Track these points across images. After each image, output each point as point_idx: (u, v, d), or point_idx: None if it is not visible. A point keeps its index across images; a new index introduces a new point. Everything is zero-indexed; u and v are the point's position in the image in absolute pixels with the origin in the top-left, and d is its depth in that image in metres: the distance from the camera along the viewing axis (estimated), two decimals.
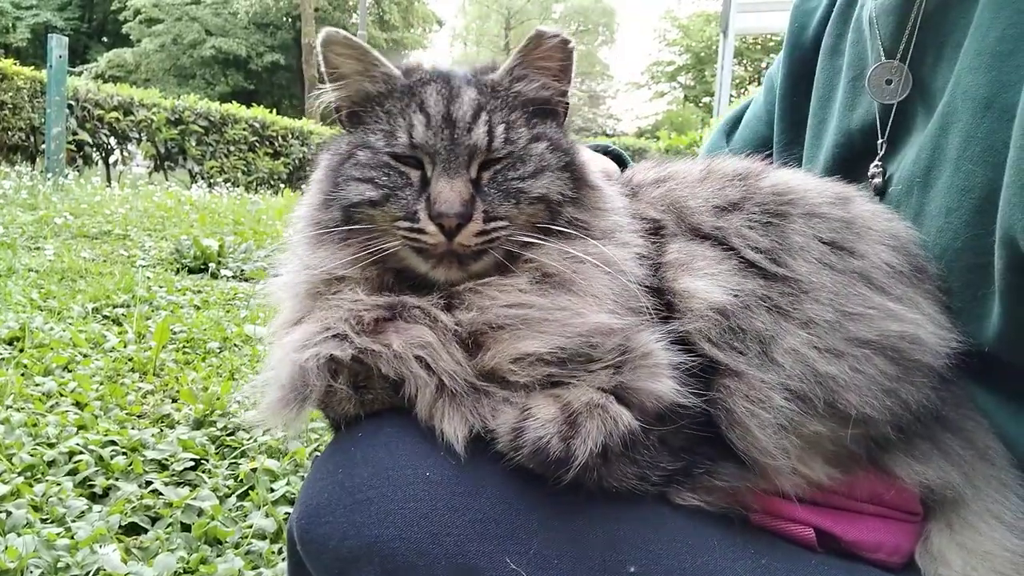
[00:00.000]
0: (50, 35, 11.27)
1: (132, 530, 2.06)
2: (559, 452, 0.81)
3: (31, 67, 12.94)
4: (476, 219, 0.91)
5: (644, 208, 1.05)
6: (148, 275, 5.20)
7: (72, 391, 2.90)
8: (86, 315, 4.06)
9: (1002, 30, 0.95)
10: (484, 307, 0.90)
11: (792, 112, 1.43)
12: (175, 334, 3.77)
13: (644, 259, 0.96)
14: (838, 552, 0.92)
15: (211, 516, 2.09)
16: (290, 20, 37.14)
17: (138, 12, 36.01)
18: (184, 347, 3.65)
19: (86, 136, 13.33)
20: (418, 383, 0.86)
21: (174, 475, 2.34)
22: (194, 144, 14.90)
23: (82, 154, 13.74)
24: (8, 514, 1.99)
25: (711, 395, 0.89)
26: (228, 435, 2.64)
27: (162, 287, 4.87)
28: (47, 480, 2.20)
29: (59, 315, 3.99)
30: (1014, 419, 0.98)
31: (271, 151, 16.00)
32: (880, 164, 1.19)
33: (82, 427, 2.59)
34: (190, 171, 15.21)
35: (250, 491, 2.26)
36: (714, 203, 1.01)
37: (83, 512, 2.07)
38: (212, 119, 15.16)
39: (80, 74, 22.06)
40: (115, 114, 13.72)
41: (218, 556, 1.95)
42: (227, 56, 36.04)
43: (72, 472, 2.28)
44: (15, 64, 12.55)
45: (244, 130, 15.49)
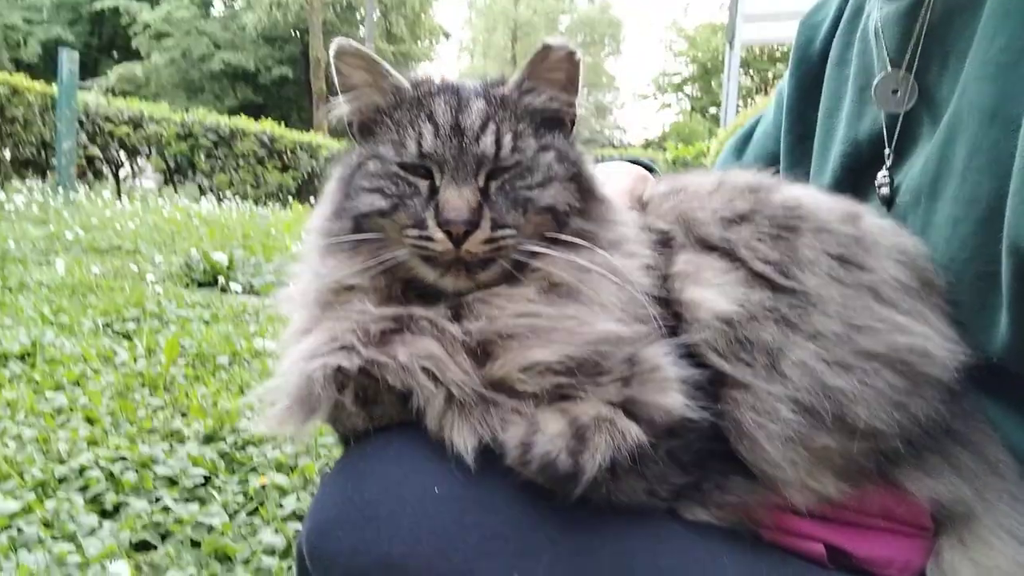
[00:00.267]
0: (61, 50, 11.38)
1: (142, 547, 2.06)
2: (568, 467, 0.81)
3: (42, 82, 13.03)
4: (484, 227, 0.91)
5: (653, 220, 1.05)
6: (158, 289, 5.22)
7: (83, 406, 2.91)
8: (97, 330, 4.09)
9: (1007, 40, 0.95)
10: (493, 316, 0.90)
11: (799, 124, 1.43)
12: (185, 349, 3.78)
13: (652, 270, 0.96)
14: (848, 568, 0.91)
15: (221, 532, 2.09)
16: (298, 34, 37.44)
17: (147, 26, 36.33)
18: (194, 362, 3.66)
19: (96, 150, 13.43)
20: (426, 395, 0.86)
21: (184, 491, 2.34)
22: (203, 158, 15.00)
23: (93, 168, 13.85)
24: (20, 531, 1.99)
25: (720, 407, 0.89)
26: (238, 450, 2.64)
27: (172, 301, 4.88)
28: (58, 496, 2.20)
29: (70, 330, 4.01)
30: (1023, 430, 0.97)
31: (280, 164, 16.06)
32: (887, 174, 1.19)
33: (93, 443, 2.60)
34: (199, 185, 15.31)
35: (260, 507, 2.26)
36: (723, 215, 1.01)
37: (94, 529, 2.07)
38: (221, 133, 15.25)
39: (90, 88, 22.21)
40: (125, 128, 13.84)
41: (228, 573, 1.95)
42: (236, 70, 36.35)
43: (83, 488, 2.29)
44: (26, 79, 12.66)
45: (253, 143, 15.57)
